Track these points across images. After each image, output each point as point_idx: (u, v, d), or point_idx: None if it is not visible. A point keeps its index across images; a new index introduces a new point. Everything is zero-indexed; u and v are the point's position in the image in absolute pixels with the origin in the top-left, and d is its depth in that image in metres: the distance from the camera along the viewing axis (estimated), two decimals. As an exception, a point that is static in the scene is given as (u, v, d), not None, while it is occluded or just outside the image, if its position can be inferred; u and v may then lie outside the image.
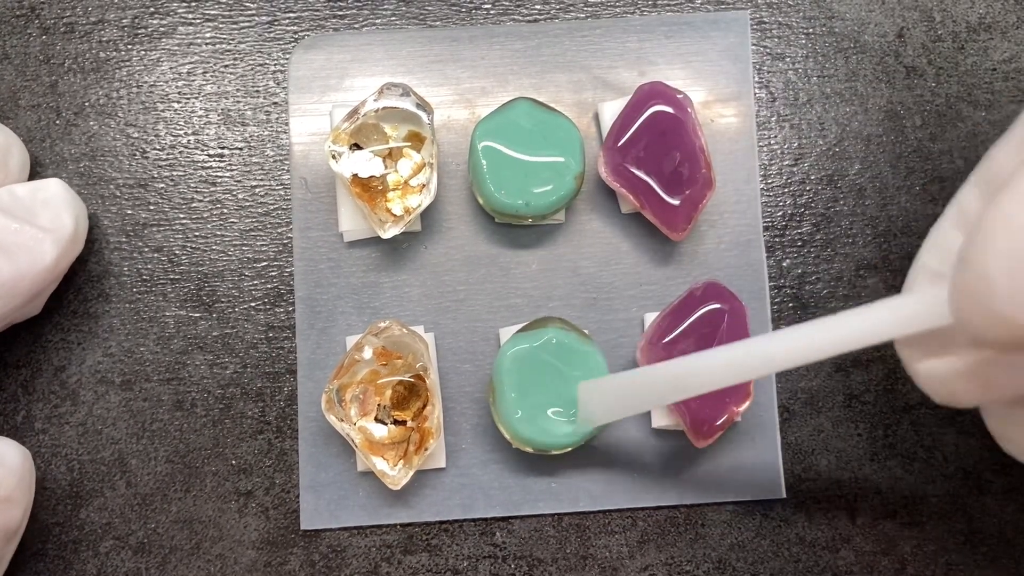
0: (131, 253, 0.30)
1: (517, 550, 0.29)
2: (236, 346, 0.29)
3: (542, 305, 0.29)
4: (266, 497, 0.29)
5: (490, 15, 0.31)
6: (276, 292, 0.29)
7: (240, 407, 0.29)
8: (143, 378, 0.29)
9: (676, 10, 0.31)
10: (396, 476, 0.27)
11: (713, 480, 0.29)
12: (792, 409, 0.29)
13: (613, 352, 0.29)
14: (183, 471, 0.29)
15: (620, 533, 0.29)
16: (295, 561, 0.28)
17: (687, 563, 0.29)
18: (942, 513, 0.29)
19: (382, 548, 0.29)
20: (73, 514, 0.29)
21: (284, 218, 0.30)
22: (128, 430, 0.29)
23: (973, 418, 0.29)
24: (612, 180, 0.28)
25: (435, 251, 0.29)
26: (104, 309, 0.29)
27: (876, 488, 0.29)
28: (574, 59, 0.30)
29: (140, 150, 0.30)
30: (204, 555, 0.29)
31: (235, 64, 0.30)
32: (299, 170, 0.30)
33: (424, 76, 0.30)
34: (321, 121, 0.30)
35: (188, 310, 0.29)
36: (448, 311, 0.29)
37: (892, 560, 0.29)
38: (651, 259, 0.29)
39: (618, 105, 0.29)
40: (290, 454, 0.29)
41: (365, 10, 0.31)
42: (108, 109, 0.30)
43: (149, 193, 0.30)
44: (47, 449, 0.29)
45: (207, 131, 0.30)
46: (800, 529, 0.29)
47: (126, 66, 0.30)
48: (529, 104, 0.28)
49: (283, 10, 0.31)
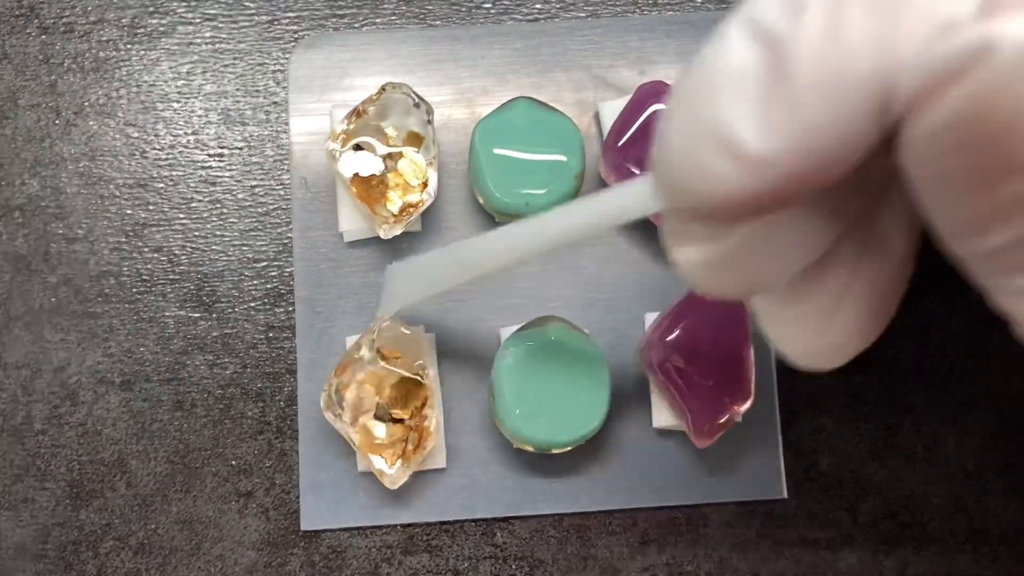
0: (130, 253, 0.30)
1: (518, 551, 0.29)
2: (236, 346, 0.29)
3: (542, 305, 0.29)
4: (266, 498, 0.29)
5: (490, 14, 0.31)
6: (276, 292, 0.29)
7: (240, 407, 0.29)
8: (143, 378, 0.29)
9: (677, 9, 0.31)
10: (394, 475, 0.27)
11: (714, 480, 0.29)
12: (793, 409, 0.29)
13: (613, 352, 0.29)
14: (183, 472, 0.29)
15: (621, 533, 0.29)
16: (295, 562, 0.28)
17: (688, 563, 0.29)
18: (944, 513, 0.29)
19: (382, 549, 0.28)
20: (73, 515, 0.29)
21: (284, 218, 0.30)
22: (128, 430, 0.29)
23: (975, 418, 0.29)
24: (613, 180, 0.28)
25: (435, 251, 0.29)
26: (103, 309, 0.29)
27: (878, 488, 0.29)
28: (574, 58, 0.30)
29: (139, 150, 0.30)
30: (204, 556, 0.28)
31: (235, 64, 0.30)
32: (299, 170, 0.30)
33: (424, 75, 0.30)
34: (321, 121, 0.30)
35: (188, 310, 0.29)
36: (448, 311, 0.29)
37: (894, 560, 0.29)
38: (652, 259, 0.29)
39: (619, 104, 0.29)
40: (290, 454, 0.29)
41: (365, 9, 0.31)
42: (107, 109, 0.30)
43: (149, 193, 0.30)
44: (47, 450, 0.29)
45: (207, 131, 0.30)
46: (801, 529, 0.29)
47: (125, 66, 0.30)
48: (529, 103, 0.28)
49: (283, 9, 0.31)
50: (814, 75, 0.13)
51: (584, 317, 0.29)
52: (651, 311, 0.29)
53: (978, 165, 0.13)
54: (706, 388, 0.27)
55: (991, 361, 0.30)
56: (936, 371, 0.30)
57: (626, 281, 0.29)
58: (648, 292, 0.29)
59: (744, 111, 0.14)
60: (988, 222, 0.14)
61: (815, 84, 0.13)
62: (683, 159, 0.15)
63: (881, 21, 0.13)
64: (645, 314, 0.29)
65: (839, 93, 0.13)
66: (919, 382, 0.30)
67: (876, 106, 0.13)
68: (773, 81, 0.14)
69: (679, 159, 0.15)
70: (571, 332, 0.27)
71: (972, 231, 0.14)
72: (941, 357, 0.30)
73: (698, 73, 0.15)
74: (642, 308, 0.29)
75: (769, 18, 0.14)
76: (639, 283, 0.29)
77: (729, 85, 0.14)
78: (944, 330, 0.30)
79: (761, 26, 0.14)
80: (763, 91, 0.14)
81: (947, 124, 0.13)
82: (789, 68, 0.14)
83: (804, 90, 0.13)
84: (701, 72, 0.15)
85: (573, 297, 0.29)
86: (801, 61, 0.13)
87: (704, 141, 0.14)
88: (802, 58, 0.13)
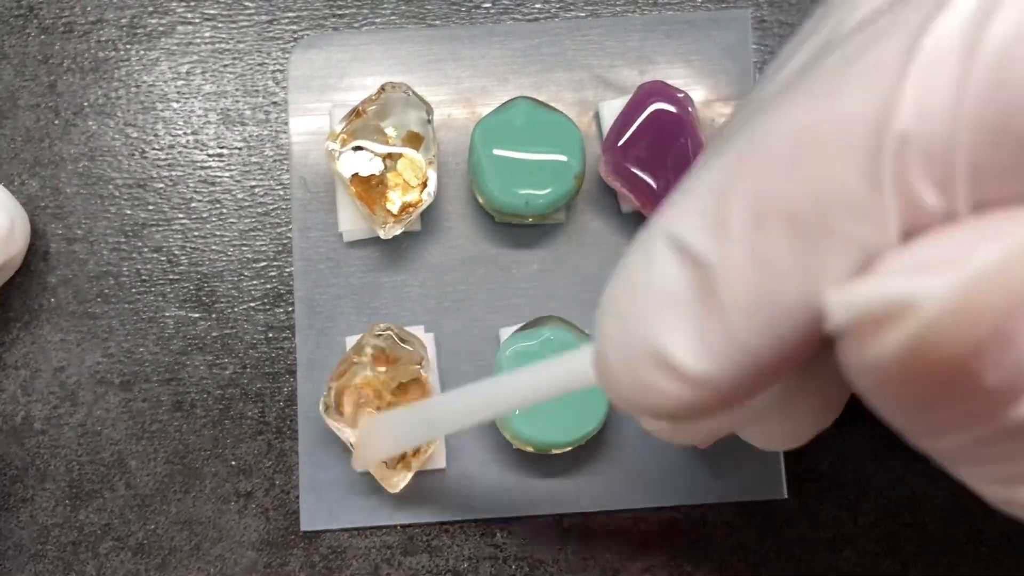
0: (130, 253, 0.29)
1: (518, 551, 0.29)
2: (235, 346, 0.29)
3: (542, 305, 0.29)
4: (266, 498, 0.29)
5: (490, 14, 0.31)
6: (275, 292, 0.29)
7: (240, 408, 0.29)
8: (142, 379, 0.29)
9: (677, 9, 0.31)
10: (395, 479, 0.27)
11: (715, 480, 0.29)
12: (793, 409, 0.29)
13: (614, 352, 0.29)
14: (183, 472, 0.29)
15: (621, 534, 0.29)
16: (295, 562, 0.28)
17: (688, 564, 0.29)
18: (944, 513, 0.29)
19: (382, 549, 0.28)
20: (72, 515, 0.29)
21: (283, 218, 0.30)
22: (127, 431, 0.29)
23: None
24: (613, 179, 0.28)
25: (435, 251, 0.29)
26: (103, 310, 0.29)
27: (878, 488, 0.29)
28: (574, 58, 0.30)
29: (139, 150, 0.30)
30: (204, 556, 0.28)
31: (234, 63, 0.30)
32: (298, 170, 0.29)
33: (424, 75, 0.30)
34: (321, 121, 0.30)
35: (187, 310, 0.29)
36: (448, 311, 0.29)
37: (894, 561, 0.29)
38: (652, 259, 0.29)
39: (619, 104, 0.29)
40: (290, 455, 0.29)
41: (365, 9, 0.31)
42: (107, 109, 0.30)
43: (148, 193, 0.30)
44: (46, 450, 0.29)
45: (206, 131, 0.30)
46: (802, 529, 0.29)
47: (125, 66, 0.30)
48: (529, 103, 0.28)
49: (282, 9, 0.31)
50: (743, 301, 0.13)
51: (584, 317, 0.29)
52: (651, 311, 0.29)
53: (913, 396, 0.13)
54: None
55: (991, 361, 0.30)
56: (936, 371, 0.30)
57: (626, 281, 0.29)
58: (648, 292, 0.29)
59: (678, 333, 0.14)
60: (934, 432, 0.14)
61: (745, 309, 0.13)
62: (623, 377, 0.15)
63: (805, 248, 0.13)
64: (645, 314, 0.29)
65: (770, 317, 0.13)
66: (919, 382, 0.30)
67: (810, 327, 0.13)
68: (704, 303, 0.14)
69: (619, 377, 0.15)
70: (571, 332, 0.27)
71: (919, 436, 0.14)
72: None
73: (626, 288, 0.15)
74: (642, 308, 0.29)
75: (693, 240, 0.14)
76: (639, 283, 0.29)
77: (660, 305, 0.14)
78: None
79: (686, 247, 0.14)
80: (694, 311, 0.14)
81: (873, 366, 0.13)
82: (718, 292, 0.14)
83: (735, 314, 0.14)
84: (629, 288, 0.15)
85: (573, 297, 0.29)
86: (729, 287, 0.13)
87: (641, 361, 0.14)
88: (730, 283, 0.13)
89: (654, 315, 0.14)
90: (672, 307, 0.14)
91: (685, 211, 0.14)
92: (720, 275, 0.14)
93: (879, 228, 0.13)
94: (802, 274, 0.13)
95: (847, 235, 0.13)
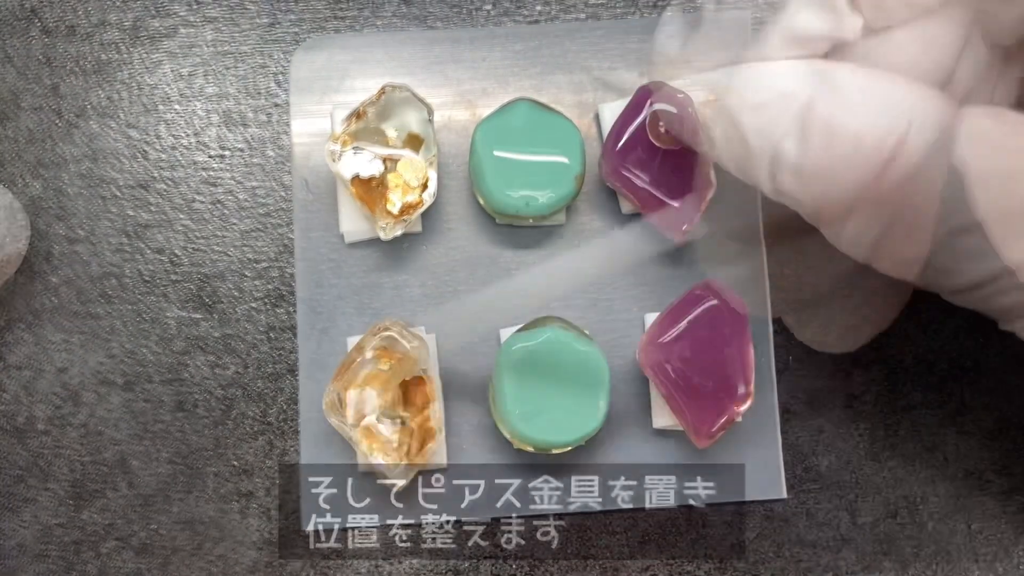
0: (132, 254, 0.30)
1: (518, 550, 0.29)
2: (237, 347, 0.29)
3: (543, 305, 0.29)
4: (267, 498, 0.29)
5: (491, 16, 0.31)
6: (277, 293, 0.30)
7: (241, 408, 0.29)
8: (145, 379, 0.29)
9: (676, 10, 0.31)
10: (397, 477, 0.27)
11: (715, 480, 0.29)
12: (793, 409, 0.29)
13: (613, 352, 0.29)
14: (185, 472, 0.29)
15: (621, 533, 0.29)
16: (296, 562, 0.28)
17: (688, 563, 0.29)
18: (943, 513, 0.29)
19: (383, 548, 0.29)
20: (75, 515, 0.29)
21: (285, 219, 0.30)
22: (130, 431, 0.29)
23: (974, 418, 0.29)
24: (612, 181, 0.28)
25: (435, 252, 0.29)
26: (106, 310, 0.29)
27: (877, 488, 0.29)
28: (575, 60, 0.30)
29: (141, 151, 0.30)
30: (206, 556, 0.29)
31: (236, 65, 0.30)
32: (300, 171, 0.30)
33: (425, 77, 0.30)
34: (322, 122, 0.30)
35: (189, 311, 0.29)
36: (449, 312, 0.29)
37: (893, 561, 0.29)
38: (651, 259, 0.29)
39: (619, 106, 0.29)
40: (291, 455, 0.29)
41: (366, 11, 0.31)
42: (109, 110, 0.30)
43: (150, 194, 0.30)
44: (49, 450, 0.29)
45: (208, 132, 0.30)
46: (801, 529, 0.29)
47: (127, 68, 0.30)
48: (529, 105, 0.28)
49: (284, 11, 0.31)
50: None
51: (584, 317, 0.29)
52: (651, 311, 0.29)
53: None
54: (705, 389, 0.27)
55: (990, 361, 0.30)
56: (936, 371, 0.30)
57: (626, 281, 0.29)
58: (648, 292, 0.29)
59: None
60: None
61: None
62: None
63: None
64: (645, 315, 0.29)
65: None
66: (919, 382, 0.30)
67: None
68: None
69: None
70: (571, 332, 0.27)
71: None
72: (941, 357, 0.30)
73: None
74: (642, 308, 0.29)
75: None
76: (639, 283, 0.29)
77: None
78: (944, 330, 0.30)
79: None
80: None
81: None
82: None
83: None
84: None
85: (573, 297, 0.29)
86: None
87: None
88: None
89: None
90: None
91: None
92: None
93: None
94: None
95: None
